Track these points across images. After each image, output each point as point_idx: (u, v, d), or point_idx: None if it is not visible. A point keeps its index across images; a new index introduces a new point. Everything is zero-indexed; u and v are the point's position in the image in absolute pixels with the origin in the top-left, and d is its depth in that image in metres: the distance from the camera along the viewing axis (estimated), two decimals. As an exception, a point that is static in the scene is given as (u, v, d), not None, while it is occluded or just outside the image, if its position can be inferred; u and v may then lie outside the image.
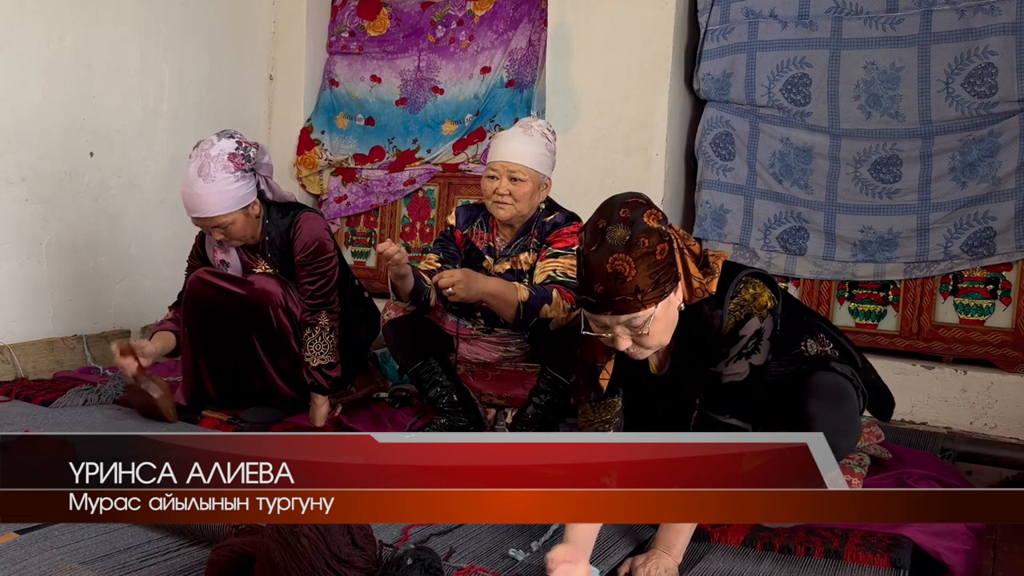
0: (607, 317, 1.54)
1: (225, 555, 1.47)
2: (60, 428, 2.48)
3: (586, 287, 1.53)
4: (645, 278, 1.49)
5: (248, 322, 2.66)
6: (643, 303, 1.50)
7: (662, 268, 1.51)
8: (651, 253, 1.49)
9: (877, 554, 1.70)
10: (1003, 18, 2.89)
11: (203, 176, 2.51)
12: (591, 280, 1.51)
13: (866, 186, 3.14)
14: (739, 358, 1.64)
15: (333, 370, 2.66)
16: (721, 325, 1.64)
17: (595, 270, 1.50)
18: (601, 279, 1.49)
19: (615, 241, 1.49)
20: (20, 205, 3.28)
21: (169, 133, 3.90)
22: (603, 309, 1.52)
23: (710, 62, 3.35)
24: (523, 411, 2.45)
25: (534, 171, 2.46)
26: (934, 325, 3.11)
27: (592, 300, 1.53)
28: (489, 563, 1.64)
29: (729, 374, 1.65)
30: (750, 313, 1.64)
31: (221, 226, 2.57)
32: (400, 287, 2.39)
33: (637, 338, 1.56)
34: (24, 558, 1.57)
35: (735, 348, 1.64)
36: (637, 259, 1.48)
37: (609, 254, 1.48)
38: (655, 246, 1.50)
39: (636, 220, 1.50)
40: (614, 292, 1.49)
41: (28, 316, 3.33)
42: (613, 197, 1.58)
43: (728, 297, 1.64)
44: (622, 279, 1.48)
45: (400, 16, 4.33)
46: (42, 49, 3.32)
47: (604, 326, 1.56)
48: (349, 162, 4.33)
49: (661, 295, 1.53)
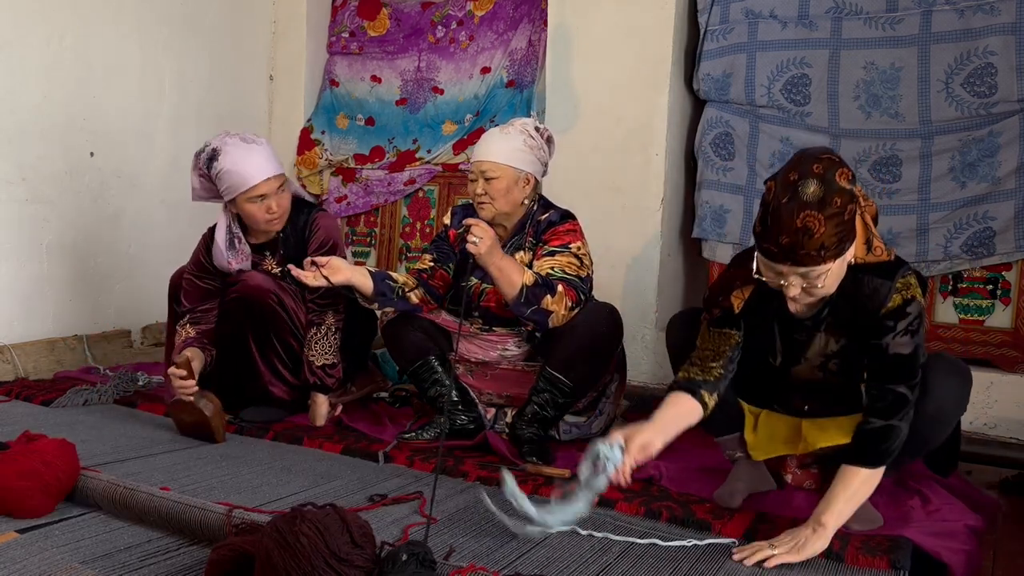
0: (786, 267, 1.60)
1: (225, 554, 1.47)
2: (60, 428, 2.48)
3: (770, 236, 1.57)
4: (831, 236, 1.54)
5: (243, 319, 2.65)
6: (823, 259, 1.56)
7: (847, 227, 1.57)
8: (840, 213, 1.54)
9: (877, 556, 1.70)
10: (1003, 18, 2.89)
11: (251, 142, 2.56)
12: (777, 231, 1.55)
13: (866, 186, 3.14)
14: (906, 334, 1.70)
15: (335, 370, 2.67)
16: (888, 295, 1.70)
17: (784, 222, 1.54)
18: (788, 231, 1.54)
19: (808, 196, 1.53)
20: (20, 205, 3.28)
21: (169, 133, 3.90)
22: (784, 259, 1.58)
23: (710, 62, 3.36)
24: (523, 410, 2.45)
25: (506, 167, 2.46)
26: (934, 325, 3.11)
27: (775, 250, 1.58)
28: (489, 563, 1.64)
29: (897, 347, 1.70)
30: (914, 296, 1.71)
31: (283, 187, 2.61)
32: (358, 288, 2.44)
33: (808, 287, 1.63)
34: (24, 558, 1.57)
35: (903, 323, 1.70)
36: (827, 217, 1.52)
37: (801, 209, 1.52)
38: (845, 206, 1.54)
39: (829, 178, 1.54)
40: (799, 245, 1.54)
41: (28, 316, 3.33)
42: (805, 150, 1.63)
43: (899, 274, 1.71)
44: (809, 234, 1.53)
45: (400, 16, 4.33)
46: (42, 49, 3.32)
47: (779, 273, 1.62)
48: (349, 162, 4.34)
49: (840, 252, 1.59)
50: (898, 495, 2.06)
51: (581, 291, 2.40)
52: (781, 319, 1.85)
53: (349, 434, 2.60)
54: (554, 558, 1.70)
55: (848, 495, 1.70)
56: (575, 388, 2.41)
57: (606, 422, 2.64)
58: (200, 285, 2.73)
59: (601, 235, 3.34)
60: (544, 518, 1.71)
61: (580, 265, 2.44)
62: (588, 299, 2.46)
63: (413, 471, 2.26)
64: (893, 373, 1.71)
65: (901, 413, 1.70)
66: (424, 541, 1.56)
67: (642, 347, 3.40)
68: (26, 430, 2.03)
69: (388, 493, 2.04)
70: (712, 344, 1.86)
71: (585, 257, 2.48)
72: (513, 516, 1.75)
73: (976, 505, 2.05)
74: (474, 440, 2.46)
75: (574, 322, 2.36)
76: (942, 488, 2.11)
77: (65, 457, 1.87)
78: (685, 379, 1.85)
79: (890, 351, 1.71)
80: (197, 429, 2.49)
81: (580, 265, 2.44)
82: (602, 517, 1.94)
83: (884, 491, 2.07)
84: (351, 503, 1.93)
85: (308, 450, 2.45)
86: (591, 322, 2.38)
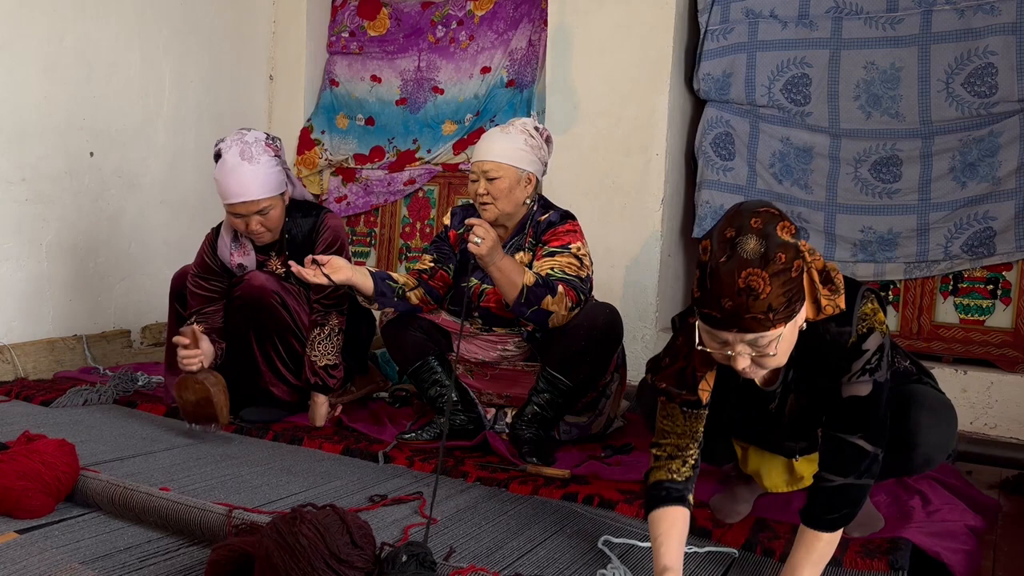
0: (731, 334, 1.42)
1: (225, 555, 1.47)
2: (60, 428, 2.48)
3: (711, 301, 1.39)
4: (779, 296, 1.37)
5: (245, 319, 2.66)
6: (773, 323, 1.38)
7: (795, 286, 1.39)
8: (787, 269, 1.37)
9: (875, 558, 1.70)
10: (1003, 18, 2.89)
11: (247, 159, 2.49)
12: (719, 294, 1.37)
13: (866, 186, 3.14)
14: (863, 374, 1.54)
15: (337, 371, 2.67)
16: (847, 341, 1.54)
17: (724, 284, 1.36)
18: (731, 294, 1.36)
19: (748, 254, 1.36)
20: (20, 205, 3.28)
21: (169, 133, 3.90)
22: (728, 326, 1.40)
23: (710, 62, 3.35)
24: (523, 410, 2.44)
25: (509, 166, 2.46)
26: (934, 325, 3.11)
27: (717, 315, 1.40)
28: (489, 563, 1.64)
29: (852, 390, 1.54)
30: (872, 327, 1.54)
31: (263, 211, 2.55)
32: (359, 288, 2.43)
33: (759, 357, 1.45)
34: (24, 558, 1.57)
35: (858, 363, 1.54)
36: (772, 275, 1.35)
37: (742, 268, 1.35)
38: (791, 262, 1.37)
39: (770, 232, 1.37)
40: (744, 309, 1.36)
41: (28, 316, 3.33)
42: (741, 205, 1.45)
43: (856, 314, 1.54)
44: (755, 296, 1.35)
45: (400, 16, 4.33)
46: (42, 49, 3.32)
47: (724, 343, 1.44)
48: (349, 162, 4.33)
49: (791, 314, 1.41)
50: (898, 495, 2.06)
51: (581, 291, 2.40)
52: (748, 393, 1.70)
53: (349, 434, 2.60)
54: (554, 559, 1.70)
55: (813, 560, 1.54)
56: (575, 388, 2.41)
57: (606, 422, 2.64)
58: (205, 287, 2.71)
59: (601, 235, 3.34)
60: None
61: (580, 265, 2.44)
62: (588, 299, 2.46)
63: (413, 471, 2.26)
64: (849, 420, 1.55)
65: (860, 469, 1.52)
66: (424, 542, 1.56)
67: (642, 347, 3.40)
68: (26, 430, 2.03)
69: (388, 493, 2.04)
70: (683, 427, 1.67)
71: (585, 258, 2.48)
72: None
73: (976, 505, 2.05)
74: (474, 440, 2.45)
75: (574, 322, 2.36)
76: (942, 488, 2.11)
77: (65, 457, 1.87)
78: (669, 483, 1.64)
79: (845, 395, 1.55)
80: (200, 409, 2.44)
81: (580, 265, 2.44)
82: (602, 519, 1.95)
83: (884, 491, 2.07)
84: (351, 503, 1.93)
85: (308, 450, 2.45)
86: (591, 322, 2.37)
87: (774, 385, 1.67)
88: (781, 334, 1.42)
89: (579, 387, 2.43)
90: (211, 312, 2.70)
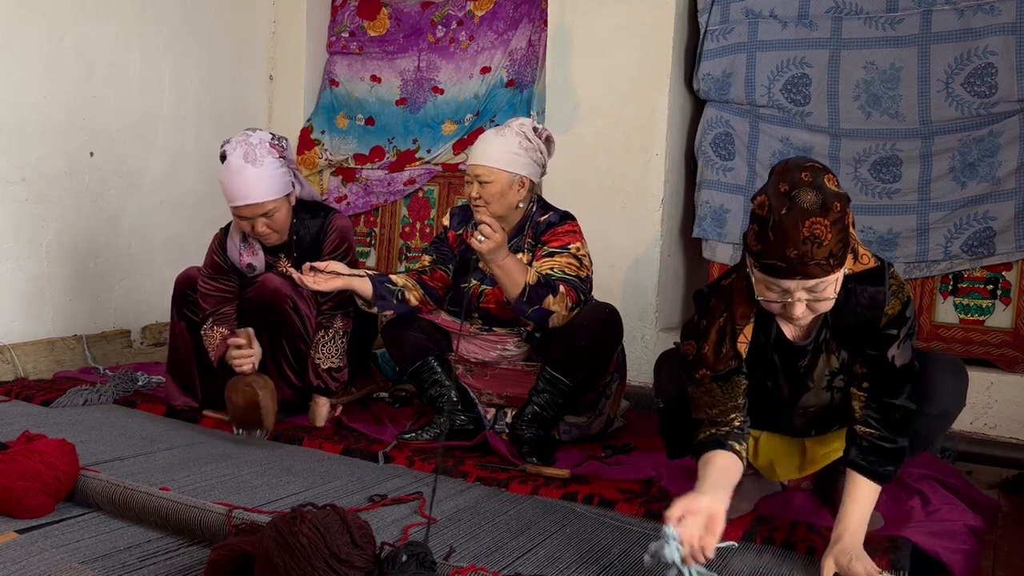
0: (793, 282, 1.50)
1: (225, 555, 1.47)
2: (60, 428, 2.48)
3: (776, 252, 1.47)
4: (837, 241, 1.46)
5: (257, 322, 2.64)
6: (832, 267, 1.48)
7: (847, 233, 1.50)
8: (843, 217, 1.47)
9: (876, 556, 1.70)
10: (1003, 18, 2.89)
11: (251, 161, 2.47)
12: (783, 244, 1.46)
13: (866, 186, 3.14)
14: (907, 339, 1.64)
15: (341, 373, 2.66)
16: (885, 300, 1.62)
17: (789, 234, 1.45)
18: (795, 243, 1.45)
19: (809, 204, 1.44)
20: (20, 205, 3.28)
21: (169, 133, 3.90)
22: (793, 274, 1.49)
23: (710, 62, 3.35)
24: (523, 410, 2.45)
25: (499, 171, 2.45)
26: (934, 325, 3.11)
27: (782, 265, 1.48)
28: (489, 563, 1.64)
29: (900, 358, 1.64)
30: (910, 296, 1.64)
31: (268, 213, 2.54)
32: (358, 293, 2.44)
33: (812, 302, 1.54)
34: (24, 558, 1.57)
35: (904, 329, 1.63)
36: (832, 223, 1.45)
37: (805, 217, 1.44)
38: (844, 210, 1.48)
39: (821, 184, 1.47)
40: (809, 256, 1.45)
41: (28, 316, 3.33)
42: (788, 161, 1.55)
43: (888, 275, 1.63)
44: (819, 243, 1.44)
45: (400, 16, 4.33)
46: (42, 49, 3.32)
47: (784, 291, 1.53)
48: (349, 162, 4.33)
49: (843, 260, 1.52)
50: (898, 495, 2.06)
51: (581, 291, 2.40)
52: (780, 350, 1.75)
53: (349, 434, 2.60)
54: (554, 558, 1.70)
55: (864, 512, 1.65)
56: (575, 388, 2.41)
57: (606, 422, 2.64)
58: (219, 287, 2.69)
59: (601, 235, 3.34)
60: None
61: (580, 266, 2.44)
62: (588, 299, 2.46)
63: (413, 471, 2.26)
64: (898, 385, 1.66)
65: (910, 429, 1.66)
66: (424, 541, 1.56)
67: (642, 347, 3.40)
68: (26, 430, 2.03)
69: (388, 493, 2.04)
70: (723, 401, 1.71)
71: (585, 258, 2.48)
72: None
73: (976, 505, 2.05)
74: (474, 440, 2.46)
75: (574, 322, 2.36)
76: (942, 488, 2.11)
77: (65, 457, 1.87)
78: (709, 438, 1.69)
79: (896, 362, 1.64)
80: (247, 413, 2.46)
81: (580, 266, 2.44)
82: (602, 518, 1.95)
83: (884, 491, 2.07)
84: (351, 503, 1.93)
85: (308, 450, 2.45)
86: (591, 322, 2.38)
87: (806, 340, 1.73)
88: (838, 278, 1.53)
89: (579, 387, 2.43)
90: (227, 313, 2.68)
